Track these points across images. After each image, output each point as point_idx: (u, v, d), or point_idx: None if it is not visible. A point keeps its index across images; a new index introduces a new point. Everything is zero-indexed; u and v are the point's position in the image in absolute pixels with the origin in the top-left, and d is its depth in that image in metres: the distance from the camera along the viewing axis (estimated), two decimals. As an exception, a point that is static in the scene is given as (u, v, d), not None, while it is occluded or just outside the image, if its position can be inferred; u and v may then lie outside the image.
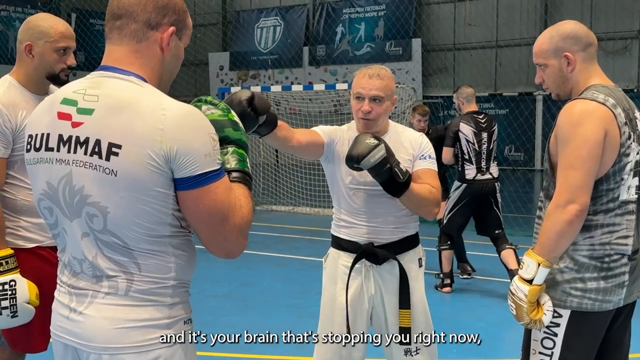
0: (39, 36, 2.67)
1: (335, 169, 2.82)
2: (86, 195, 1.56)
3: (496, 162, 6.08)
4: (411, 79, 18.65)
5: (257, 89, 11.87)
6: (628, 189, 2.27)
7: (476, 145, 5.94)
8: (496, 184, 6.01)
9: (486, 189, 5.94)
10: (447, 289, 6.06)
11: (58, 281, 1.73)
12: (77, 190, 1.57)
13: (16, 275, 2.56)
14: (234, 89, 12.09)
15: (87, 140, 1.55)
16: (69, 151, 1.58)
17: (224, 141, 1.69)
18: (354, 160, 2.52)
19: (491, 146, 6.01)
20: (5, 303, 2.51)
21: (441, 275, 6.12)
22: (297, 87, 12.91)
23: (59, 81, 2.70)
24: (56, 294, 1.73)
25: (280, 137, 2.62)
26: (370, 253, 2.76)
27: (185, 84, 22.31)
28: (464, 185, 5.99)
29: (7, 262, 2.56)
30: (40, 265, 2.67)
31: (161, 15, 1.64)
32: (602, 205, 2.25)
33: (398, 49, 19.79)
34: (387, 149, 2.53)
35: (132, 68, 1.63)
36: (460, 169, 6.04)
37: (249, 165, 1.72)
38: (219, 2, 22.92)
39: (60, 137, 1.59)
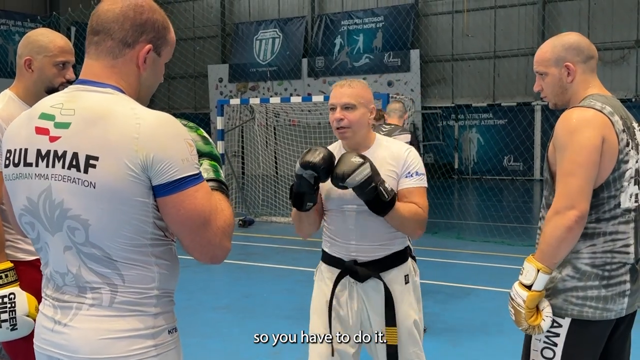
0: (38, 50, 2.69)
1: (323, 190, 2.80)
2: (66, 209, 1.57)
3: None
4: (410, 90, 18.71)
5: (256, 101, 11.87)
6: (630, 197, 2.28)
7: None
8: None
9: None
10: None
11: (42, 294, 1.74)
12: (57, 204, 1.58)
13: (16, 288, 2.56)
14: (233, 101, 12.10)
15: (64, 154, 1.56)
16: (47, 166, 1.59)
17: None
18: (339, 179, 2.52)
19: None
20: (4, 316, 2.51)
21: None
22: (296, 99, 12.88)
23: (59, 95, 2.71)
24: (41, 307, 1.74)
25: (316, 211, 2.78)
26: (352, 270, 2.76)
27: (184, 97, 22.37)
28: None
29: (6, 275, 2.56)
30: (40, 277, 2.63)
31: (138, 33, 1.65)
32: (604, 213, 2.26)
33: (396, 60, 19.87)
34: (372, 167, 2.53)
35: (110, 81, 1.65)
36: None
37: (222, 175, 1.75)
38: (218, 14, 23.02)
39: (39, 152, 1.60)
